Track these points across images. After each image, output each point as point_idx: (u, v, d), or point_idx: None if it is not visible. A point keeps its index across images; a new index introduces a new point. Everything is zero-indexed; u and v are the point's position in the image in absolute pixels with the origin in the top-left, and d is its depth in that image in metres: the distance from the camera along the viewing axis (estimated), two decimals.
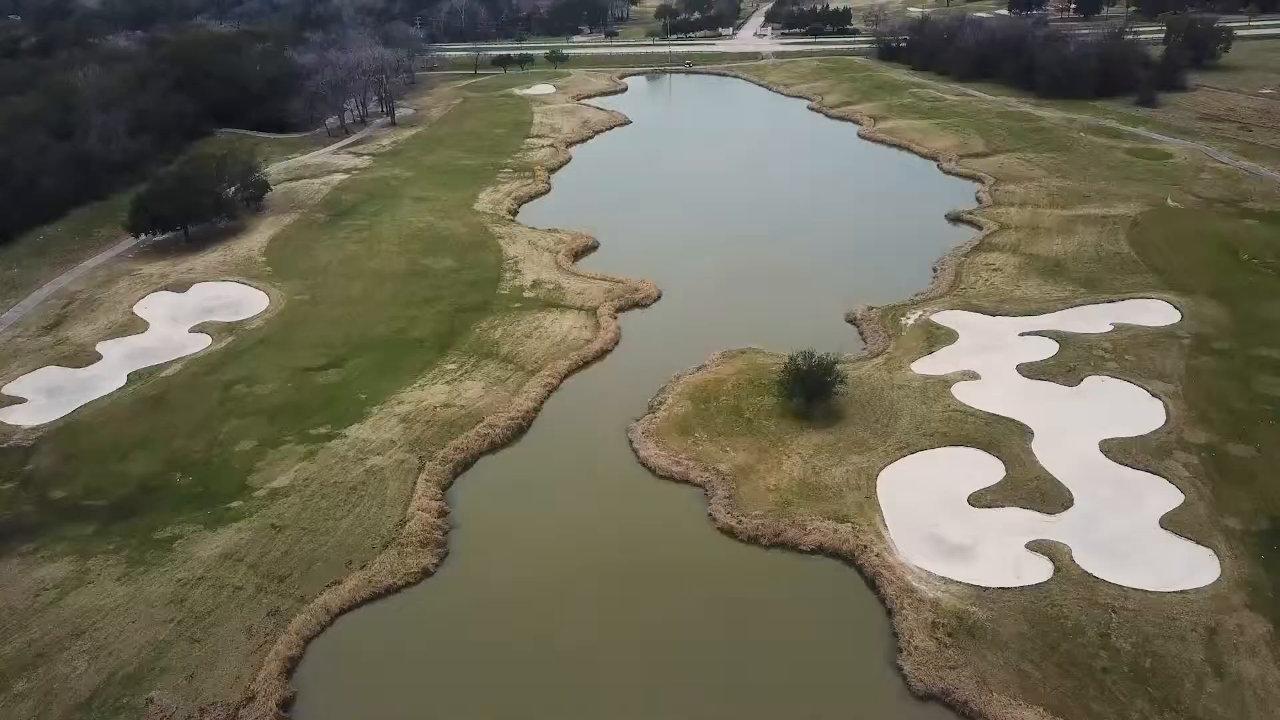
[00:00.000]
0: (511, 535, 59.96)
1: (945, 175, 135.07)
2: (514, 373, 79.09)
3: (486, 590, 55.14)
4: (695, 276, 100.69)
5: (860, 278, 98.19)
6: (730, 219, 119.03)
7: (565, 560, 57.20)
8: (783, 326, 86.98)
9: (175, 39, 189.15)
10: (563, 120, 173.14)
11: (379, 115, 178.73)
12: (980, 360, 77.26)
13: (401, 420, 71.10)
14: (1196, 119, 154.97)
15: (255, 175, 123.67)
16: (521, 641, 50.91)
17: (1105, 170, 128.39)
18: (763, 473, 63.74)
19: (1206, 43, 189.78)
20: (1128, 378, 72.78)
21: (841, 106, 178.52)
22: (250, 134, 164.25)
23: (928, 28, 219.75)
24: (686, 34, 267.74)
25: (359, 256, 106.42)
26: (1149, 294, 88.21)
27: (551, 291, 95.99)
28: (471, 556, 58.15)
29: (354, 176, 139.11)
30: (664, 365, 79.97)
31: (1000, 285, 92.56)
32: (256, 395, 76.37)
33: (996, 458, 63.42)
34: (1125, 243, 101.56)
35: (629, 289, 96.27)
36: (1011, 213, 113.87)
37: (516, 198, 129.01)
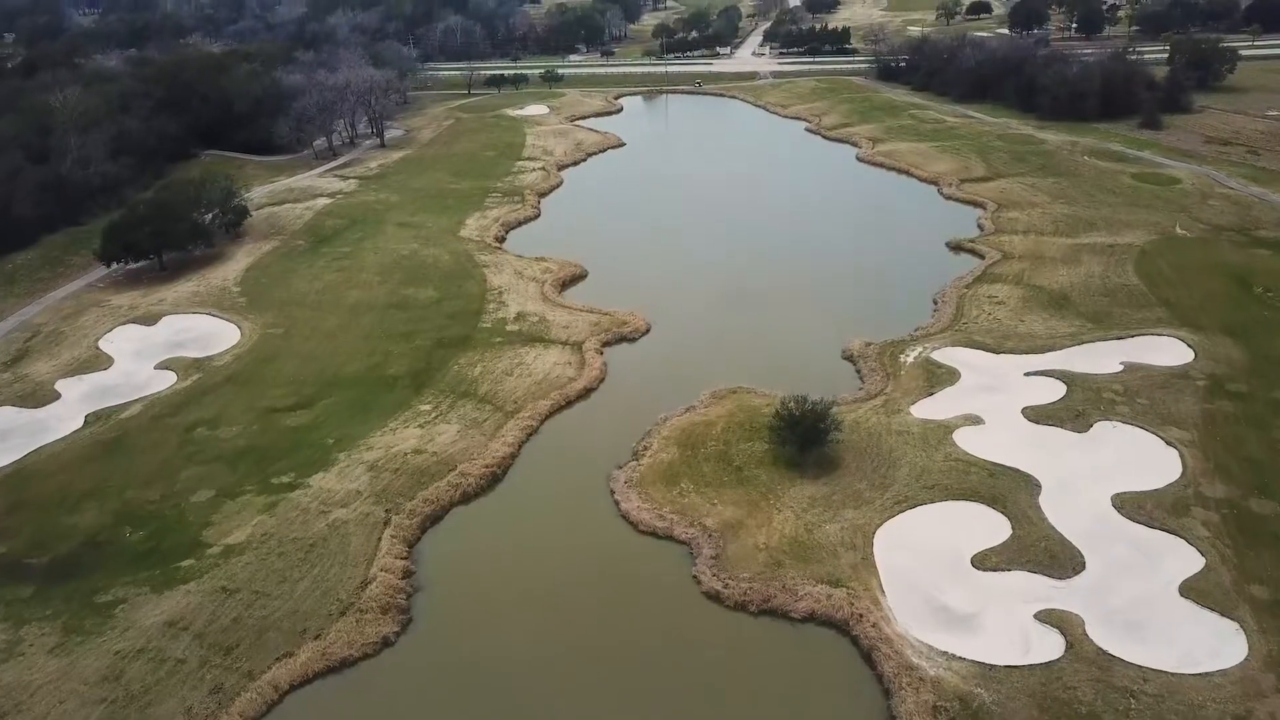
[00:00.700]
0: (480, 599, 55.74)
1: (946, 201, 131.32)
2: (492, 414, 75.00)
3: (450, 663, 50.93)
4: (686, 308, 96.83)
5: (858, 310, 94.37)
6: (724, 246, 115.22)
7: (537, 629, 52.98)
8: (776, 363, 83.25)
9: (161, 59, 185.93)
10: (555, 142, 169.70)
11: (369, 136, 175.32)
12: (983, 403, 73.20)
13: (369, 468, 66.98)
14: (1202, 142, 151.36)
15: (234, 201, 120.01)
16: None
17: (1110, 196, 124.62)
18: (752, 529, 59.56)
19: (1211, 64, 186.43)
20: (1140, 424, 68.65)
21: (839, 128, 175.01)
22: (236, 156, 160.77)
23: (927, 48, 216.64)
24: (683, 53, 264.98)
25: (338, 286, 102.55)
26: (1159, 330, 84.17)
27: (536, 325, 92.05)
28: (436, 623, 53.92)
29: (338, 201, 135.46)
30: (650, 405, 76.04)
31: (1003, 319, 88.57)
32: (219, 439, 72.28)
33: (1002, 514, 59.25)
34: (1133, 274, 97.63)
35: (616, 322, 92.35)
36: (1014, 241, 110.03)
37: (504, 224, 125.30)
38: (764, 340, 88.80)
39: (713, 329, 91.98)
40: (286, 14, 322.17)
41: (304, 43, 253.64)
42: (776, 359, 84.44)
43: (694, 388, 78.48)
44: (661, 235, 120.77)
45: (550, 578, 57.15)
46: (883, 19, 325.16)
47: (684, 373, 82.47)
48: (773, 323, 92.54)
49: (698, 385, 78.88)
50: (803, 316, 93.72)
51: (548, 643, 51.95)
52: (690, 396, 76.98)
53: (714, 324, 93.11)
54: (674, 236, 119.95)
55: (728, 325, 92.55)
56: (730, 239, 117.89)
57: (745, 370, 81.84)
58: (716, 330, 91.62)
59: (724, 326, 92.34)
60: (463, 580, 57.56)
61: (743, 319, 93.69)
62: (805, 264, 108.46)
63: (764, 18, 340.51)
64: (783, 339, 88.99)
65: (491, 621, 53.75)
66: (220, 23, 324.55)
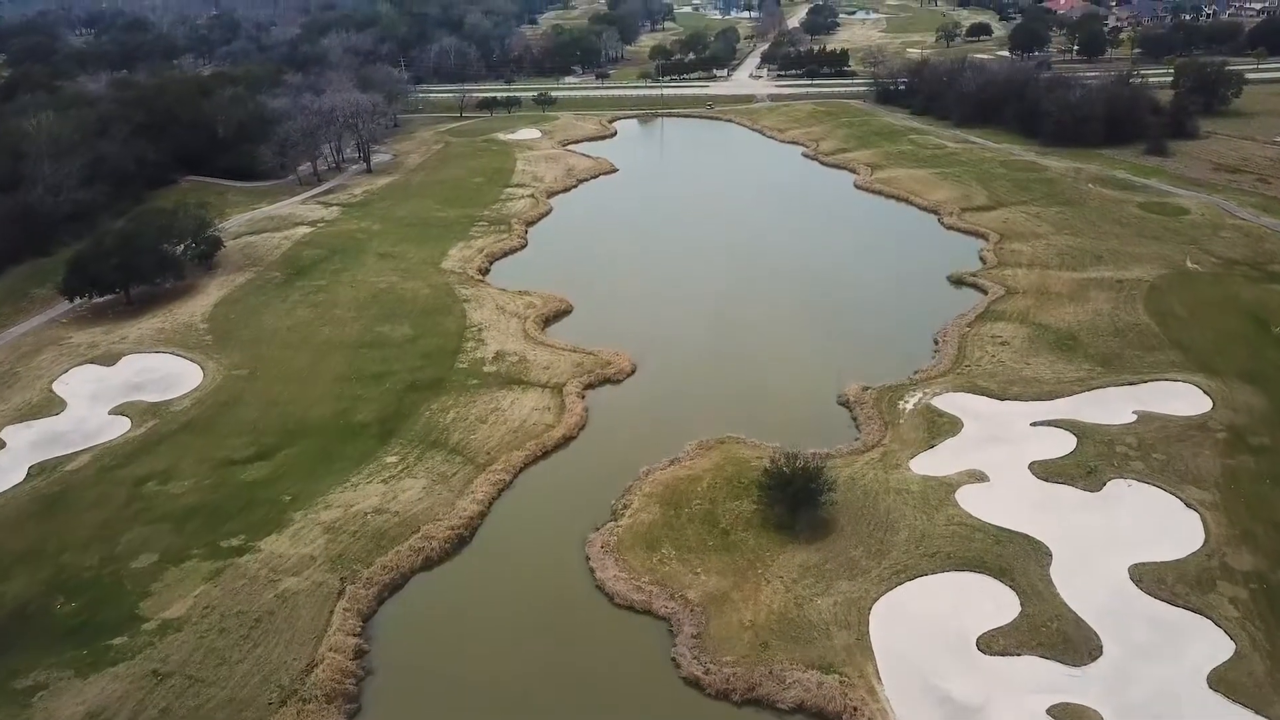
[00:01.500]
0: (437, 684, 50.72)
1: (946, 230, 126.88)
2: (461, 467, 70.15)
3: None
4: (674, 346, 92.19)
5: (855, 350, 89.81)
6: (716, 279, 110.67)
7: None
8: (768, 409, 78.76)
9: (144, 82, 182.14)
10: (546, 168, 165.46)
11: (356, 161, 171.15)
12: (988, 456, 68.37)
13: (326, 530, 62.10)
14: (1210, 170, 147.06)
15: (208, 231, 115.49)
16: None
17: (1117, 227, 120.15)
18: (737, 602, 54.63)
19: (1217, 88, 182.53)
20: (1157, 482, 63.79)
21: (837, 154, 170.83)
22: (217, 182, 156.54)
23: (927, 71, 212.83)
24: (680, 75, 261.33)
25: (310, 323, 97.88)
26: (1173, 375, 79.38)
27: (515, 365, 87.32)
28: (386, 714, 48.89)
29: (319, 230, 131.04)
30: (632, 456, 71.35)
31: (1008, 362, 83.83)
32: (168, 495, 67.41)
33: (1010, 587, 54.32)
34: (1143, 312, 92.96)
35: (600, 362, 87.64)
36: (1018, 275, 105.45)
37: (489, 254, 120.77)
38: (755, 382, 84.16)
39: (701, 369, 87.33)
40: (280, 35, 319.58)
41: (296, 65, 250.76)
42: (768, 404, 79.93)
43: (679, 436, 73.83)
44: (651, 267, 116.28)
45: (516, 659, 52.15)
46: (882, 40, 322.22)
47: (669, 419, 77.88)
48: (765, 363, 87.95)
49: (683, 433, 74.26)
50: (797, 356, 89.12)
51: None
52: (675, 446, 72.26)
53: (703, 364, 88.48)
54: (663, 268, 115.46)
55: (717, 365, 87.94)
56: (722, 271, 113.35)
57: (734, 416, 77.31)
58: (705, 371, 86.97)
59: (713, 366, 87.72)
60: (420, 660, 52.57)
61: (733, 358, 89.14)
62: (800, 299, 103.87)
63: (762, 39, 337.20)
64: (775, 381, 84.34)
65: (448, 712, 48.74)
66: (214, 44, 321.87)
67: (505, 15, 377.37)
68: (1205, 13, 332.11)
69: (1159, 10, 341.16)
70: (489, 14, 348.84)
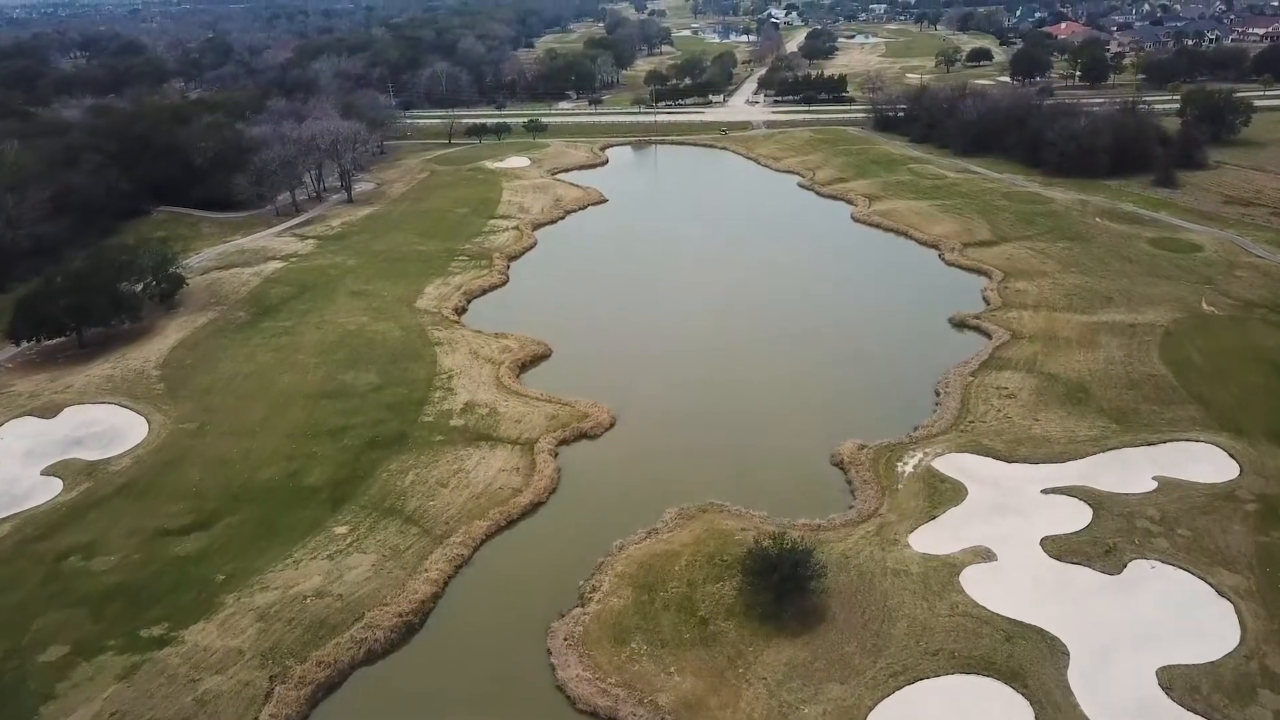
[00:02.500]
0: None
1: (947, 267, 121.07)
2: (417, 540, 63.89)
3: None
4: (657, 396, 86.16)
5: (851, 401, 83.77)
6: (703, 322, 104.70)
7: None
8: (755, 470, 72.75)
9: (122, 108, 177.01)
10: (533, 199, 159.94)
11: (338, 190, 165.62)
12: (995, 530, 62.12)
13: (259, 616, 55.77)
14: (1222, 202, 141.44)
15: (170, 268, 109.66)
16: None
17: (1127, 265, 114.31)
18: (714, 710, 48.24)
19: (1225, 116, 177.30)
20: (1183, 563, 57.48)
21: (834, 184, 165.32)
22: (190, 213, 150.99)
23: (926, 97, 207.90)
24: (676, 101, 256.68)
25: (269, 370, 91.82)
26: (1195, 434, 73.18)
27: (485, 418, 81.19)
28: None
29: (291, 265, 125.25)
30: (606, 526, 65.19)
31: (1015, 418, 77.66)
32: (91, 572, 61.10)
33: (1023, 695, 47.93)
34: (1159, 360, 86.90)
35: (577, 415, 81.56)
36: (1024, 318, 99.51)
37: (466, 292, 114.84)
38: (743, 438, 78.01)
39: (685, 422, 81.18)
40: (271, 59, 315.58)
41: (285, 89, 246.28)
42: (756, 463, 73.84)
43: (658, 502, 67.68)
44: (636, 306, 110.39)
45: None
46: (881, 65, 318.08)
47: (648, 481, 71.80)
48: (754, 415, 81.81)
49: (663, 498, 68.13)
50: (788, 408, 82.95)
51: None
52: (653, 515, 66.05)
53: (687, 416, 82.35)
54: (649, 308, 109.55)
55: (702, 417, 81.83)
56: (710, 313, 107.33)
57: (719, 477, 71.31)
58: (689, 424, 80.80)
59: (698, 419, 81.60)
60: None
61: (720, 410, 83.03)
62: (794, 343, 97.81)
63: (760, 64, 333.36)
64: (764, 437, 78.20)
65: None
66: (205, 68, 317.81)
67: (500, 39, 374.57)
68: (1208, 38, 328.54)
69: (1161, 35, 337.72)
70: (484, 38, 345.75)
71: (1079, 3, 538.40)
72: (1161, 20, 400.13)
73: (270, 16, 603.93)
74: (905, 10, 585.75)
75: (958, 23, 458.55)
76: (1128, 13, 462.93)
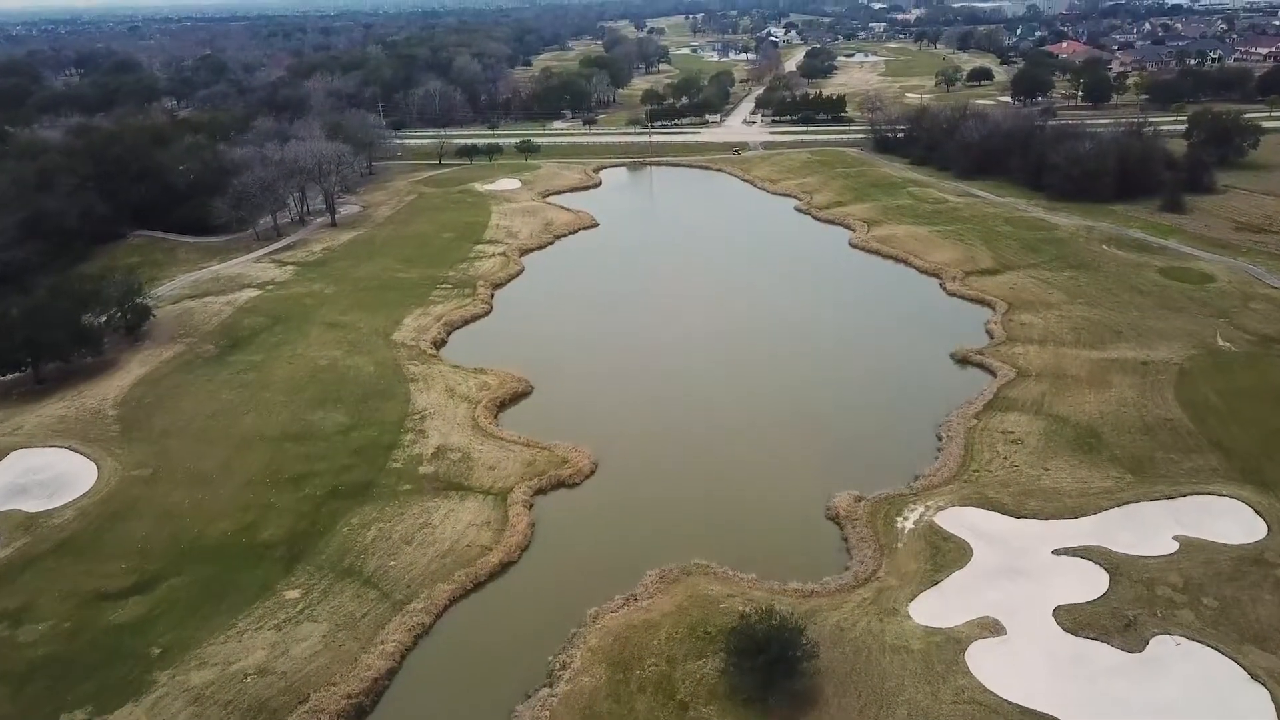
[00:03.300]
0: None
1: (949, 297, 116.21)
2: (374, 605, 58.81)
3: None
4: (641, 439, 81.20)
5: (848, 447, 78.79)
6: (693, 358, 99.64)
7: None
8: (745, 524, 67.78)
9: (103, 128, 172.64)
10: (522, 223, 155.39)
11: (323, 213, 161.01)
12: (1003, 597, 57.06)
13: (193, 699, 50.65)
14: (1232, 229, 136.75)
15: (135, 298, 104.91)
16: None
17: (1137, 296, 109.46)
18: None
19: (1233, 139, 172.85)
20: (1211, 641, 52.32)
21: (832, 208, 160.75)
22: (168, 237, 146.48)
23: (927, 118, 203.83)
24: (672, 121, 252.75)
25: (234, 409, 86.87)
26: (1217, 486, 68.13)
27: (456, 464, 76.18)
28: None
29: (266, 293, 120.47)
30: (580, 590, 60.24)
31: (1023, 467, 72.62)
32: (16, 645, 55.97)
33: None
34: (1174, 402, 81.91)
35: (555, 460, 76.60)
36: (1030, 353, 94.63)
37: (447, 323, 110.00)
38: (732, 488, 72.99)
39: (670, 470, 76.17)
40: (264, 78, 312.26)
41: (275, 108, 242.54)
42: (745, 516, 68.86)
43: (638, 562, 62.69)
44: (623, 340, 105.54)
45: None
46: (880, 85, 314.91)
47: (629, 537, 66.85)
48: (745, 461, 76.81)
49: (644, 557, 63.17)
50: (782, 454, 77.94)
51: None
52: (632, 578, 60.99)
53: (673, 462, 77.34)
54: (636, 341, 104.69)
55: (689, 463, 76.85)
56: (701, 347, 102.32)
57: (705, 533, 66.46)
58: (675, 472, 75.78)
59: (685, 465, 76.61)
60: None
61: (708, 455, 78.07)
62: (788, 381, 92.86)
63: (758, 83, 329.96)
64: (755, 487, 73.17)
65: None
66: (197, 85, 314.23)
67: (497, 58, 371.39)
68: (1211, 57, 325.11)
69: (1163, 55, 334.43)
70: (480, 56, 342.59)
71: (1079, 21, 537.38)
72: (1163, 39, 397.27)
73: (268, 34, 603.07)
74: (905, 29, 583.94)
75: (957, 41, 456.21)
76: (1129, 32, 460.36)
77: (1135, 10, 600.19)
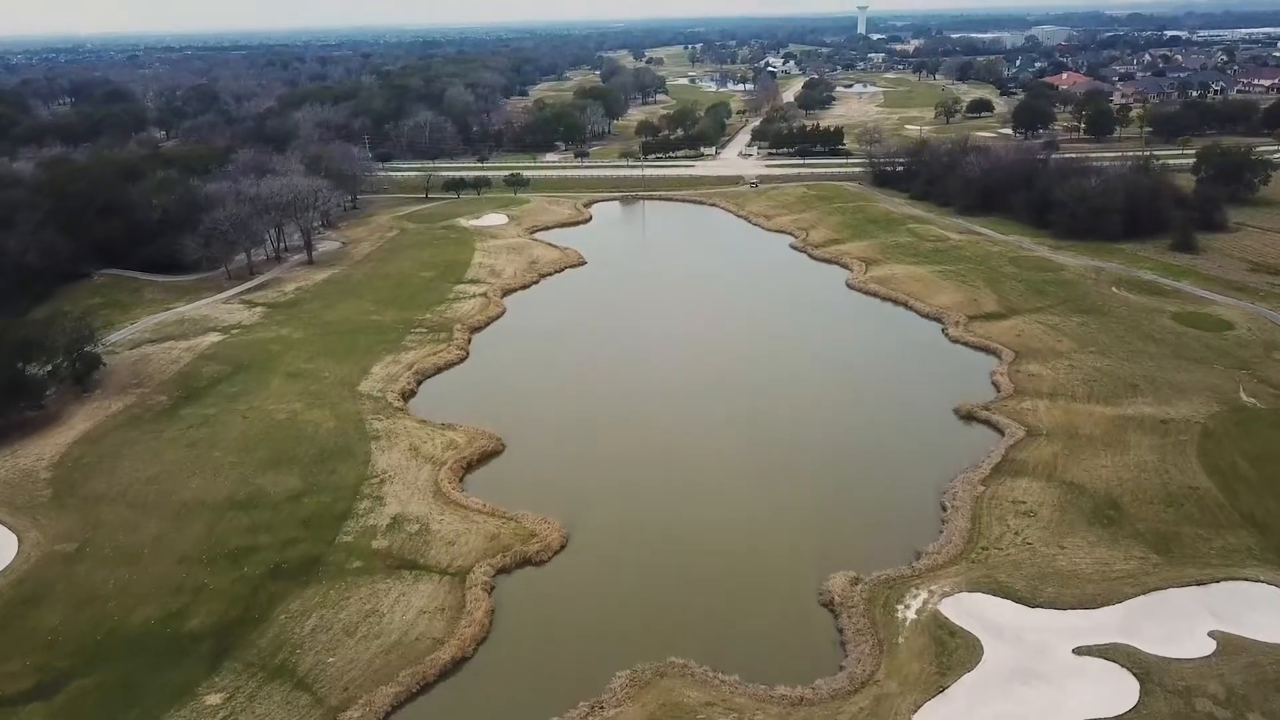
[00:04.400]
0: None
1: (951, 344, 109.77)
2: (307, 713, 51.81)
3: None
4: (618, 509, 74.44)
5: (843, 518, 72.09)
6: (677, 416, 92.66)
7: None
8: (729, 612, 61.38)
9: (67, 161, 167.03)
10: (506, 261, 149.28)
11: (301, 250, 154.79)
12: (1018, 709, 50.17)
13: None
14: (1247, 270, 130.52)
15: (85, 346, 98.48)
16: None
17: (1151, 345, 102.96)
18: None
19: (1244, 174, 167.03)
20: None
21: (828, 245, 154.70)
22: (135, 276, 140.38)
23: (927, 152, 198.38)
24: (666, 154, 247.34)
25: (179, 470, 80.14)
26: (1253, 570, 61.41)
27: (413, 538, 69.34)
28: None
29: (231, 338, 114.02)
30: (540, 696, 53.70)
31: (1036, 544, 65.82)
32: None
33: None
34: (1199, 468, 75.20)
35: (522, 534, 69.83)
36: (1040, 409, 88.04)
37: (418, 371, 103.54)
38: (715, 570, 66.16)
39: (647, 547, 69.26)
40: (254, 108, 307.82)
41: (262, 139, 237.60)
42: (730, 604, 62.20)
43: (607, 659, 56.07)
44: (603, 391, 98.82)
45: None
46: (879, 116, 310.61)
47: (598, 629, 60.12)
48: (730, 539, 69.90)
49: (614, 653, 56.56)
50: (771, 530, 71.06)
51: None
52: (600, 680, 54.26)
53: (650, 536, 70.47)
54: (617, 394, 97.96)
55: (669, 539, 69.96)
56: (686, 403, 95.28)
57: (684, 624, 59.97)
58: (652, 549, 68.88)
59: (663, 542, 69.71)
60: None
61: (690, 528, 71.24)
62: (779, 440, 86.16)
63: (755, 114, 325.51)
64: (742, 565, 66.41)
65: None
66: (187, 115, 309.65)
67: (492, 88, 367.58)
68: (1213, 89, 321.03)
69: (1165, 87, 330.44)
70: (474, 87, 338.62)
71: (1078, 52, 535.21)
72: (1164, 71, 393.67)
73: (265, 63, 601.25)
74: (903, 59, 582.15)
75: (956, 72, 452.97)
76: (1129, 63, 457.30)
77: (1134, 42, 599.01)
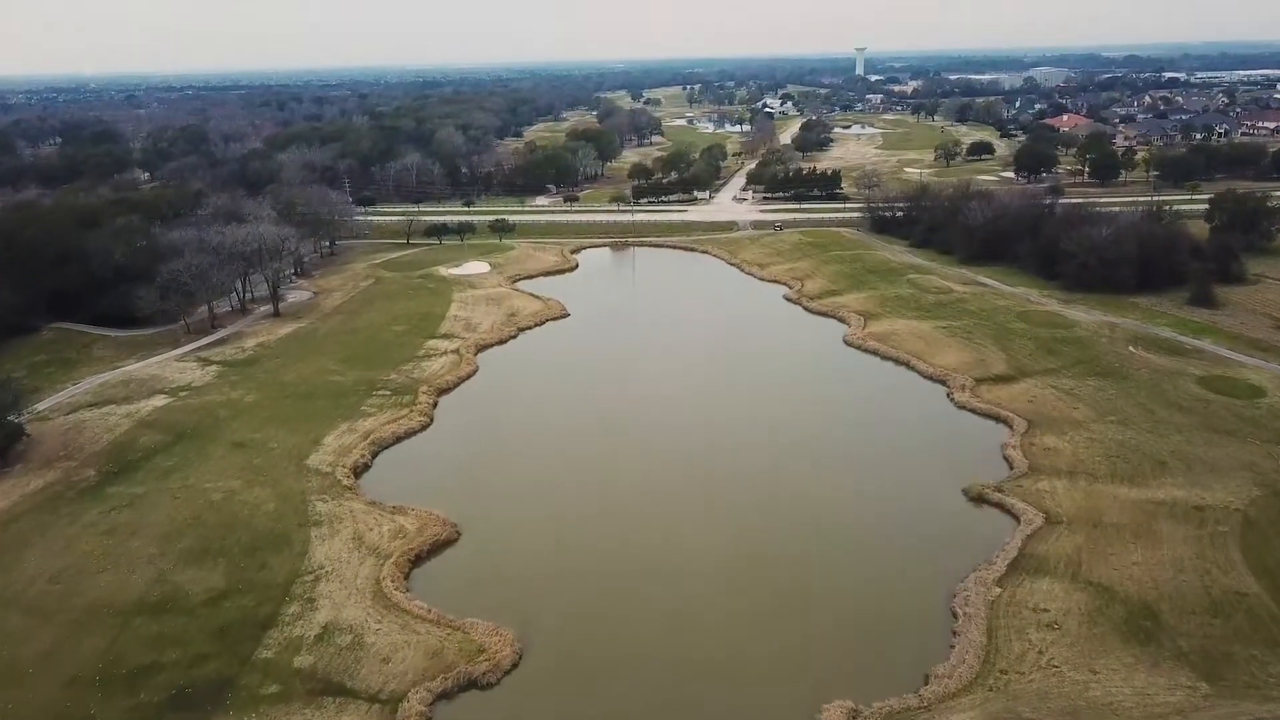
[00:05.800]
0: None
1: (958, 410, 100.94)
2: None
3: None
4: (580, 619, 65.17)
5: (839, 635, 62.83)
6: (653, 499, 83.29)
7: None
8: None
9: (23, 206, 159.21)
10: (483, 313, 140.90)
11: (267, 301, 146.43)
12: None
13: None
14: (1272, 327, 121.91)
15: (7, 415, 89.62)
16: None
17: (1176, 414, 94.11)
18: None
19: (1260, 222, 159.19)
20: None
21: (825, 297, 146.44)
22: (86, 331, 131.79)
23: (927, 198, 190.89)
24: (659, 197, 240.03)
25: (88, 565, 70.92)
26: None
27: (344, 652, 60.07)
28: None
29: (177, 401, 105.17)
30: None
31: (1064, 667, 56.55)
32: None
33: None
34: (1244, 567, 66.15)
35: (469, 649, 60.65)
36: (1058, 491, 79.10)
37: (375, 441, 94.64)
38: (692, 696, 56.93)
39: (612, 667, 60.05)
40: (239, 150, 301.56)
41: (245, 181, 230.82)
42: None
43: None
44: (573, 468, 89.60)
45: None
46: (877, 158, 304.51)
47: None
48: (709, 654, 60.64)
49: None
50: (758, 641, 61.80)
51: None
52: None
53: (618, 654, 61.27)
54: (589, 472, 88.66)
55: (637, 657, 60.73)
56: (663, 485, 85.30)
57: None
58: (618, 670, 59.69)
59: (630, 661, 60.48)
60: None
61: (663, 645, 61.89)
62: (768, 533, 76.74)
63: (751, 155, 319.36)
64: (722, 693, 57.06)
65: None
66: (172, 156, 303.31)
67: (485, 129, 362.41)
68: (1217, 131, 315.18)
69: (1168, 129, 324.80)
70: (465, 128, 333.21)
71: (1078, 94, 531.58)
72: (1165, 113, 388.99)
73: (260, 103, 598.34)
74: (902, 101, 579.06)
75: (955, 114, 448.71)
76: (1129, 104, 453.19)
77: (1133, 83, 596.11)
